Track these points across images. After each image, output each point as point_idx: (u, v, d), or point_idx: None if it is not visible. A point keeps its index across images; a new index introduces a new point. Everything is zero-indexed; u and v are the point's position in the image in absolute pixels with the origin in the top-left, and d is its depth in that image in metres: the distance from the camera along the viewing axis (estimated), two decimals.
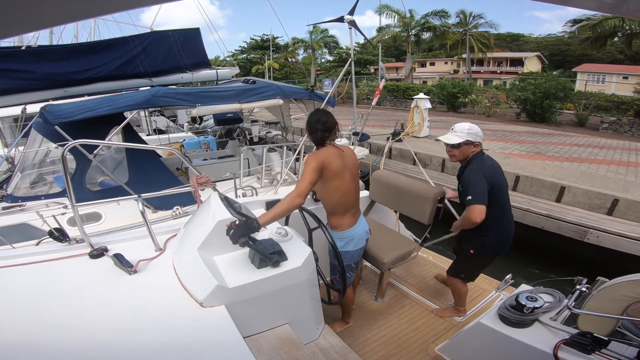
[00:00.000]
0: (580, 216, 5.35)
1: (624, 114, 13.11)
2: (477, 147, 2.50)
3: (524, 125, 13.39)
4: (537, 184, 6.26)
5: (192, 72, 6.48)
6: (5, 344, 1.45)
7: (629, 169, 7.25)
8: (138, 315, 1.66)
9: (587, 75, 27.38)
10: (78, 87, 5.30)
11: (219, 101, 4.30)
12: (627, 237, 4.76)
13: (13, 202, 3.73)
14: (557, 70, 27.41)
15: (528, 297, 1.87)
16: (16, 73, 4.76)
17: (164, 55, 6.13)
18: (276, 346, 1.79)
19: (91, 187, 4.07)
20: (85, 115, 3.63)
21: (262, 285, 1.82)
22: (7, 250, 2.23)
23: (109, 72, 5.61)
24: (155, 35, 6.13)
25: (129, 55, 5.74)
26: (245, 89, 4.59)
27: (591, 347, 1.59)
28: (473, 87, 19.35)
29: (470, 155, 2.50)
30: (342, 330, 2.73)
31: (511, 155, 8.13)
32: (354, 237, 2.39)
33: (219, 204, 2.16)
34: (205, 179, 2.56)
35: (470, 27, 28.28)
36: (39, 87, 4.98)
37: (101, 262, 2.08)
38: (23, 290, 1.82)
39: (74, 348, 1.46)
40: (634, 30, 16.11)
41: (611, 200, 5.42)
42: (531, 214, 5.51)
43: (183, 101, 4.09)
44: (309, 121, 2.31)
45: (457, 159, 2.57)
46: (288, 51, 40.25)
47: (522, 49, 42.25)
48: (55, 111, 3.56)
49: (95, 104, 3.76)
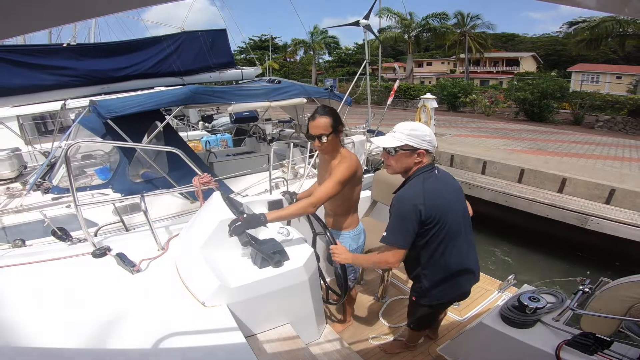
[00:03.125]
0: (581, 205, 5.74)
1: (617, 112, 13.49)
2: (421, 157, 1.78)
3: (523, 124, 13.84)
4: (540, 176, 6.66)
5: (219, 72, 6.67)
6: (7, 343, 1.44)
7: (623, 163, 7.69)
8: (140, 314, 1.65)
9: (581, 75, 28.02)
10: (115, 84, 5.45)
11: (251, 99, 4.53)
12: (624, 224, 5.15)
13: (59, 193, 3.81)
14: (553, 69, 27.95)
15: (530, 298, 1.84)
16: (59, 70, 4.89)
17: (195, 55, 6.29)
18: (278, 346, 1.78)
19: (134, 179, 4.17)
20: (134, 110, 3.80)
21: (264, 285, 1.80)
22: (9, 250, 2.22)
23: (145, 70, 5.76)
24: (187, 35, 6.28)
25: (163, 54, 5.90)
26: (274, 88, 4.81)
27: (594, 347, 1.57)
28: (472, 87, 19.97)
29: (413, 167, 1.81)
30: (344, 330, 2.70)
31: (515, 151, 8.53)
32: (362, 230, 2.38)
33: (222, 203, 2.14)
34: (207, 179, 2.54)
35: (468, 27, 29.00)
36: (79, 84, 5.12)
37: (104, 261, 2.06)
38: (26, 290, 1.81)
39: (77, 347, 1.45)
40: (627, 31, 16.81)
41: (609, 191, 5.84)
42: (537, 203, 5.92)
43: (220, 99, 4.29)
44: (336, 118, 2.07)
45: (394, 171, 1.87)
46: (288, 52, 40.64)
47: (517, 49, 42.30)
48: (107, 106, 3.71)
49: (142, 100, 3.93)
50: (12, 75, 4.43)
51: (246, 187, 4.43)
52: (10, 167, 4.45)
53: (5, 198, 3.79)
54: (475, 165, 7.62)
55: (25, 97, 4.71)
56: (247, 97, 4.52)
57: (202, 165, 4.51)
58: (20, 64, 4.50)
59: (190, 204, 4.02)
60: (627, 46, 18.46)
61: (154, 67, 5.88)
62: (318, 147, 2.08)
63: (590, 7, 0.83)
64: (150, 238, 2.20)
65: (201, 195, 2.58)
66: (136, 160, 4.16)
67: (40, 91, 4.79)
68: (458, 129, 12.27)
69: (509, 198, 6.32)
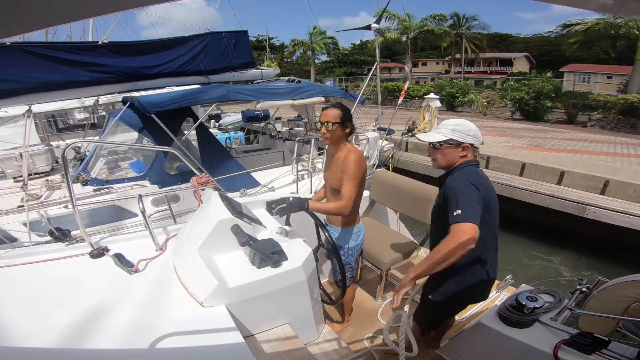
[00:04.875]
0: (579, 195, 6.21)
1: (609, 112, 13.89)
2: (466, 150, 1.78)
3: (519, 123, 14.33)
4: (540, 169, 7.15)
5: (241, 72, 6.84)
6: (5, 344, 1.42)
7: (615, 158, 8.23)
8: (138, 315, 1.63)
9: (573, 75, 28.76)
10: (146, 82, 5.56)
11: (276, 97, 4.81)
12: (618, 212, 5.63)
13: (99, 185, 3.95)
14: (545, 69, 28.62)
15: (528, 297, 1.83)
16: (95, 66, 4.98)
17: (220, 55, 6.43)
18: (276, 346, 1.76)
19: (169, 171, 4.33)
20: (176, 105, 3.99)
21: (263, 285, 1.78)
22: (8, 250, 2.21)
23: (174, 69, 5.87)
24: (213, 35, 6.41)
25: (191, 53, 6.02)
26: (296, 88, 5.11)
27: (591, 347, 1.56)
28: (470, 87, 20.57)
29: (459, 162, 1.81)
30: (342, 330, 2.68)
31: (515, 148, 9.02)
32: (362, 228, 2.39)
33: (220, 204, 2.12)
34: (205, 179, 2.53)
35: (464, 29, 29.70)
36: (113, 80, 5.21)
37: (102, 261, 2.04)
38: (23, 290, 1.80)
39: (74, 348, 1.43)
40: (618, 33, 17.47)
41: (603, 182, 6.32)
42: (538, 194, 6.40)
43: (250, 96, 4.60)
44: (346, 114, 2.13)
45: (439, 165, 1.87)
46: (286, 52, 40.92)
47: (510, 49, 42.73)
48: (151, 101, 3.89)
49: (181, 96, 4.13)
50: (52, 72, 4.54)
51: (271, 180, 4.65)
52: (45, 161, 4.74)
53: (45, 190, 3.98)
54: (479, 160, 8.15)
55: (62, 93, 4.81)
56: (273, 95, 4.82)
57: (230, 159, 4.76)
58: (60, 60, 4.61)
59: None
60: (618, 47, 19.13)
61: (183, 65, 6.04)
62: (324, 133, 2.13)
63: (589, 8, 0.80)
64: (148, 238, 2.19)
65: (199, 195, 2.56)
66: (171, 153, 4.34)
67: (77, 87, 4.89)
68: None
69: (512, 190, 6.77)
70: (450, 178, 1.79)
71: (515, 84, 16.87)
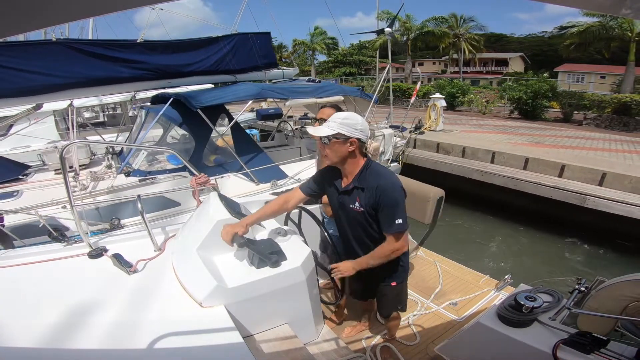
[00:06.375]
0: (579, 187, 6.70)
1: (603, 111, 14.30)
2: (354, 145, 1.74)
3: (518, 122, 14.68)
4: (543, 164, 7.63)
5: (265, 71, 6.99)
6: (5, 343, 1.42)
7: (611, 154, 8.83)
8: (137, 315, 1.62)
9: (567, 75, 29.51)
10: (180, 79, 5.69)
11: (303, 95, 5.12)
12: (616, 201, 6.11)
13: (141, 175, 4.10)
14: (540, 69, 29.40)
15: (527, 297, 1.82)
16: (134, 63, 5.14)
17: (247, 55, 6.60)
18: (276, 346, 1.75)
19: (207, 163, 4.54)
20: (218, 102, 4.22)
21: (262, 285, 1.76)
22: (7, 251, 2.20)
23: (207, 67, 6.00)
24: (240, 36, 6.61)
25: (221, 53, 6.17)
26: (318, 87, 5.47)
27: (590, 347, 1.56)
28: (469, 87, 21.17)
29: (348, 158, 1.78)
30: (341, 330, 2.68)
31: (517, 144, 9.48)
32: None
33: (219, 204, 2.11)
34: (204, 179, 2.49)
35: (462, 29, 30.33)
36: (150, 77, 5.33)
37: (100, 262, 2.03)
38: (22, 290, 1.78)
39: (73, 348, 1.43)
40: (612, 34, 18.14)
41: (601, 174, 6.82)
42: (542, 186, 6.92)
43: (281, 94, 4.91)
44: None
45: (331, 161, 1.81)
46: (285, 52, 41.22)
47: (505, 49, 43.15)
48: (196, 97, 4.13)
49: (222, 94, 4.38)
50: (95, 68, 4.66)
51: (297, 172, 4.82)
52: (86, 154, 5.09)
53: (90, 181, 4.12)
54: (485, 155, 8.65)
55: (103, 89, 4.94)
56: (300, 93, 5.17)
57: (262, 152, 4.93)
58: (102, 57, 4.76)
59: (256, 185, 4.33)
60: (611, 48, 19.82)
61: (215, 64, 6.20)
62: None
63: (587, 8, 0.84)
64: (147, 239, 2.17)
65: (198, 195, 2.55)
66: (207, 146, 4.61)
67: (117, 83, 5.03)
68: (462, 125, 12.98)
69: (517, 182, 7.25)
70: (386, 182, 1.76)
71: (513, 84, 17.35)
